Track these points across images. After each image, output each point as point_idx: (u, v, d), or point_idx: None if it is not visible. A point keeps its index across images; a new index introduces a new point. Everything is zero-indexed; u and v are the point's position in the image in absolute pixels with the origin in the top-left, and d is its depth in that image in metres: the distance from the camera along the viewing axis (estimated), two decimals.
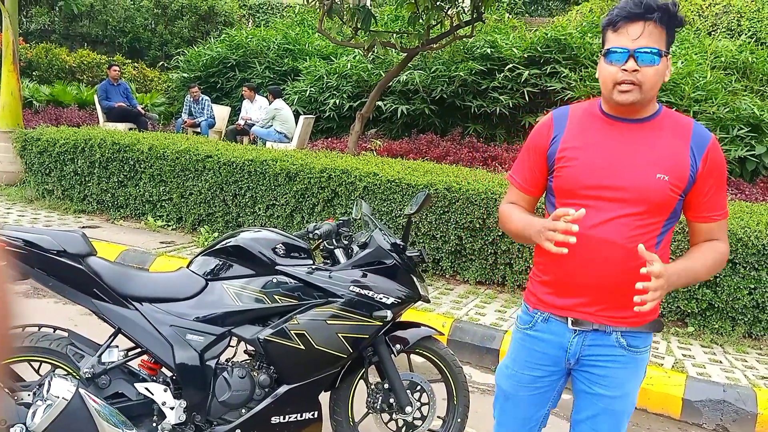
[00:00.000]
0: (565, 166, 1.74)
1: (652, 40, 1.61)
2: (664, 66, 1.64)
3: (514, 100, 9.59)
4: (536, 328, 1.84)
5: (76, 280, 2.29)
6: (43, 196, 6.62)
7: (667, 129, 1.71)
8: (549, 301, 1.80)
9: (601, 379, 1.78)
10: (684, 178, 1.67)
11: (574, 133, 1.76)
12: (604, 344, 1.76)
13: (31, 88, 12.97)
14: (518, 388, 1.89)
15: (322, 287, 2.42)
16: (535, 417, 1.92)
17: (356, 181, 5.03)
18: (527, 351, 1.86)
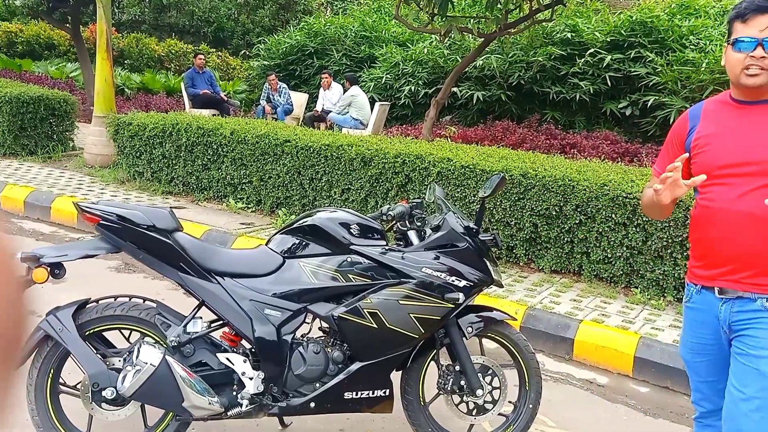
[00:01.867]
0: (700, 152, 1.96)
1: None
2: None
3: (595, 86, 9.28)
4: (693, 300, 2.03)
5: (164, 253, 2.42)
6: (134, 178, 7.00)
7: None
8: (699, 274, 1.99)
9: (749, 339, 1.87)
10: None
11: (707, 123, 1.97)
12: (751, 309, 1.88)
13: (123, 76, 13.71)
14: (693, 356, 2.06)
15: (395, 268, 2.45)
16: (723, 381, 1.98)
17: (430, 166, 5.03)
18: (690, 322, 2.06)
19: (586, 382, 3.51)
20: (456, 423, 2.69)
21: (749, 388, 1.84)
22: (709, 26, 9.62)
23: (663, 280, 4.27)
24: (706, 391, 2.07)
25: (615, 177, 4.48)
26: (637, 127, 9.20)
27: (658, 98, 8.51)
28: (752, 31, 1.83)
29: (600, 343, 3.67)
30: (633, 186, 4.31)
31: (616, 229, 4.37)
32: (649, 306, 4.19)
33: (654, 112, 8.65)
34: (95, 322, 2.42)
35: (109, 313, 2.43)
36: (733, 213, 1.87)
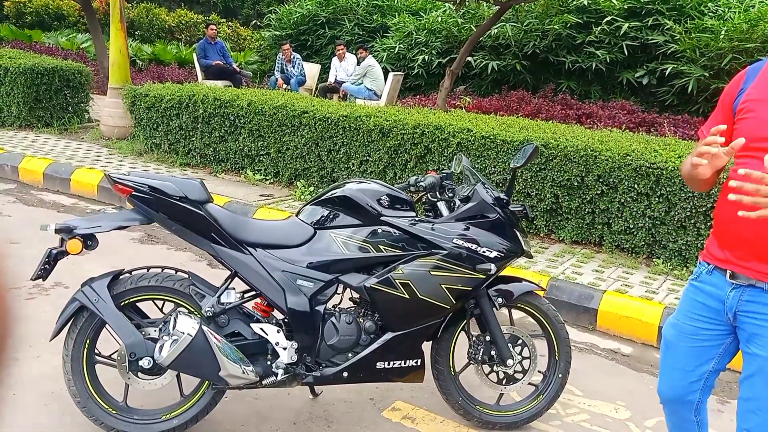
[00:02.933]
0: (743, 118, 1.77)
1: None
2: None
3: (611, 54, 9.13)
4: (701, 279, 1.89)
5: (197, 224, 2.43)
6: (152, 150, 7.01)
7: None
8: (713, 252, 1.85)
9: (756, 338, 1.76)
10: None
11: (759, 87, 1.76)
12: (760, 302, 1.74)
13: (134, 47, 13.63)
14: (679, 338, 1.93)
15: (426, 239, 2.45)
16: (697, 372, 1.91)
17: (449, 137, 5.00)
18: (690, 301, 1.91)
19: (611, 351, 3.53)
20: (486, 392, 2.73)
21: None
22: None
23: (686, 250, 4.25)
24: (676, 380, 1.95)
25: (638, 147, 4.44)
26: (654, 97, 9.08)
27: (676, 67, 8.38)
28: None
29: (624, 313, 3.68)
30: (656, 156, 4.27)
31: (638, 200, 4.34)
32: (672, 276, 4.19)
33: (671, 81, 8.53)
34: (130, 292, 2.45)
35: (144, 284, 2.45)
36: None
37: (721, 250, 1.81)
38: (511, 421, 2.68)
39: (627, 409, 2.91)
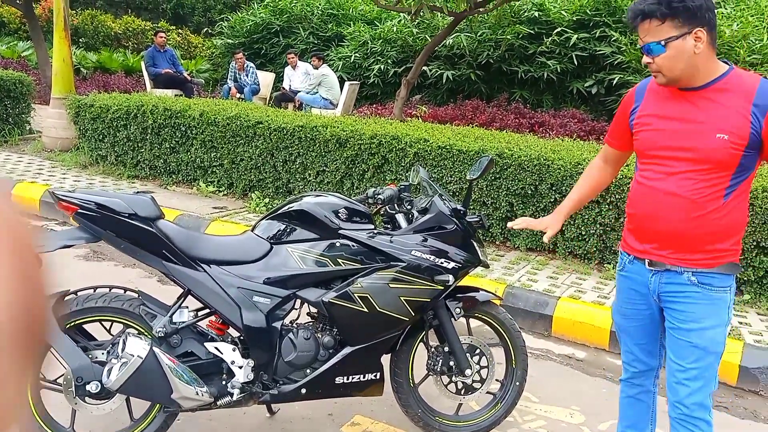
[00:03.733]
0: (641, 130, 2.04)
1: (653, 36, 1.88)
2: (673, 50, 1.86)
3: (562, 65, 9.35)
4: (626, 269, 2.15)
5: (147, 242, 2.36)
6: (97, 162, 6.79)
7: (731, 91, 1.89)
8: (632, 245, 2.10)
9: (678, 313, 2.01)
10: (745, 136, 1.85)
11: (649, 103, 2.03)
12: (678, 282, 2.00)
13: (78, 55, 13.23)
14: (626, 320, 2.20)
15: (384, 251, 2.44)
16: (653, 343, 2.19)
17: (406, 147, 5.01)
18: (623, 290, 2.19)
19: (566, 357, 3.58)
20: (444, 403, 2.72)
21: (685, 360, 2.00)
22: None
23: None
24: (638, 353, 2.21)
25: (588, 156, 4.54)
26: (603, 105, 9.33)
27: (622, 77, 8.64)
28: (640, 36, 1.93)
29: (577, 318, 3.74)
30: None
31: (589, 207, 4.44)
32: None
33: (619, 90, 8.78)
34: (76, 314, 2.35)
35: (91, 305, 2.36)
36: (661, 192, 1.96)
37: (640, 243, 2.06)
38: (471, 430, 2.68)
39: (581, 414, 2.96)
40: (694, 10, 1.83)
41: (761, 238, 3.94)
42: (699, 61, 1.88)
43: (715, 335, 1.99)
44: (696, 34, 1.85)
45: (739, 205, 1.96)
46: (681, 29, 1.85)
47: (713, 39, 1.89)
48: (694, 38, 1.85)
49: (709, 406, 2.06)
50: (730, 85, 1.90)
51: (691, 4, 1.83)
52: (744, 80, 1.90)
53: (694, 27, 1.84)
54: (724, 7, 9.87)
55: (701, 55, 1.87)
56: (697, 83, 1.91)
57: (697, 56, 1.87)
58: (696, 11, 1.84)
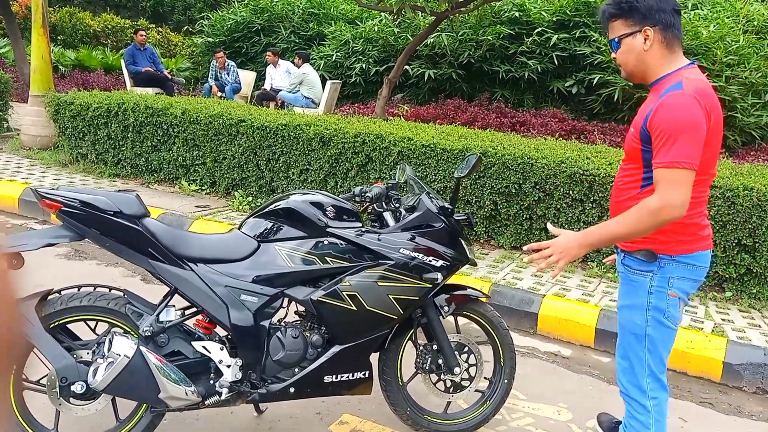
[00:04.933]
0: None
1: (612, 33, 2.08)
2: (625, 46, 2.05)
3: (542, 64, 9.42)
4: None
5: (133, 240, 2.33)
6: (77, 160, 6.69)
7: (656, 91, 2.04)
8: None
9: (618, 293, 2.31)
10: (638, 128, 2.04)
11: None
12: (619, 262, 2.25)
13: (56, 52, 13.02)
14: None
15: (373, 249, 2.43)
16: None
17: (390, 146, 5.01)
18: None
19: (551, 354, 3.61)
20: (433, 401, 2.73)
21: (618, 339, 2.24)
22: None
23: None
24: None
25: (572, 154, 4.58)
26: (583, 105, 9.43)
27: (602, 77, 8.73)
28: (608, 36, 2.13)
29: (563, 316, 3.77)
30: (589, 163, 4.42)
31: (573, 206, 4.48)
32: (606, 279, 4.34)
33: (598, 90, 8.87)
34: (60, 313, 2.31)
35: (75, 304, 2.32)
36: (615, 183, 2.24)
37: None
38: (459, 428, 2.69)
39: (569, 411, 2.98)
40: (644, 10, 1.99)
41: (742, 236, 4.02)
42: (648, 58, 2.01)
43: (631, 316, 2.14)
44: (645, 33, 2.00)
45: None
46: (632, 28, 2.02)
47: (667, 38, 2.01)
48: (644, 36, 2.00)
49: (645, 391, 2.14)
50: (660, 87, 2.01)
51: (639, 4, 1.99)
52: (667, 83, 2.00)
53: (644, 26, 2.00)
54: (701, 8, 10.03)
55: (651, 52, 2.01)
56: (649, 80, 2.07)
57: (647, 53, 2.01)
58: (646, 12, 1.99)
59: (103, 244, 2.34)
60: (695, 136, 1.90)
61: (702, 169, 1.97)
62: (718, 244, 4.08)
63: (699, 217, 2.09)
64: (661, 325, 2.11)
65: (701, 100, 1.92)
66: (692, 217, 2.05)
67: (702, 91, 1.94)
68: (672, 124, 1.91)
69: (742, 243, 4.05)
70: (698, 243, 2.09)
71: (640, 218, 1.92)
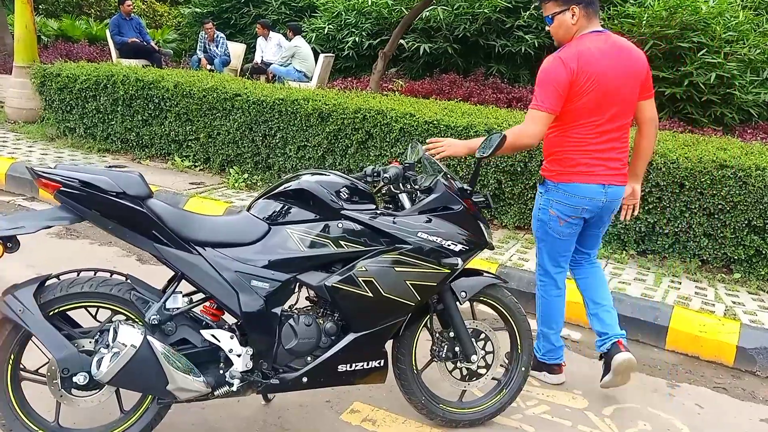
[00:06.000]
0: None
1: (546, 11, 2.67)
2: (557, 21, 2.64)
3: (539, 39, 9.25)
4: None
5: (137, 222, 2.19)
6: (65, 135, 6.48)
7: None
8: None
9: None
10: None
11: None
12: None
13: (39, 22, 12.59)
14: None
15: (389, 233, 2.32)
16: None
17: (392, 122, 4.87)
18: None
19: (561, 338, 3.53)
20: (447, 389, 2.64)
21: None
22: None
23: (624, 234, 4.35)
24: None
25: None
26: None
27: None
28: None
29: (571, 298, 3.68)
30: None
31: None
32: (612, 260, 4.27)
33: None
34: (60, 300, 2.18)
35: (76, 290, 2.19)
36: None
37: None
38: (475, 417, 2.62)
39: (584, 398, 2.92)
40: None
41: (753, 216, 3.95)
42: (574, 29, 2.61)
43: (533, 221, 2.93)
44: (572, 10, 2.58)
45: (550, 134, 2.71)
46: (562, 6, 2.60)
47: (588, 12, 2.59)
48: (572, 12, 2.58)
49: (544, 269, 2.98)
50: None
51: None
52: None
53: (571, 5, 2.57)
54: None
55: (576, 24, 2.60)
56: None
57: (575, 26, 2.60)
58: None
59: (105, 227, 2.20)
60: (550, 86, 2.55)
61: (577, 114, 2.60)
62: (727, 224, 4.02)
63: (576, 153, 2.65)
64: (546, 234, 2.84)
65: (569, 60, 2.54)
66: (567, 152, 2.68)
67: (578, 54, 2.54)
68: (538, 77, 2.60)
69: (752, 224, 3.99)
70: (575, 176, 2.67)
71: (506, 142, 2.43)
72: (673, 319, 3.51)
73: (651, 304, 3.61)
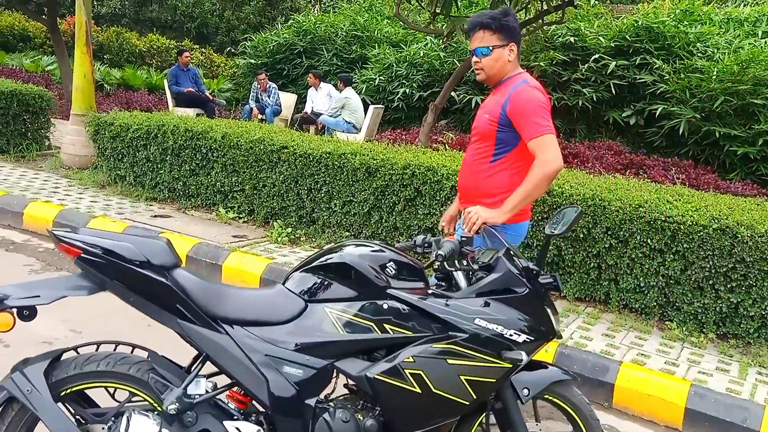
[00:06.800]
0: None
1: (484, 42, 2.65)
2: (497, 54, 2.65)
3: (597, 93, 8.95)
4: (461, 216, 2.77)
5: (161, 296, 1.97)
6: (116, 182, 6.48)
7: (506, 86, 2.67)
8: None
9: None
10: (497, 114, 2.64)
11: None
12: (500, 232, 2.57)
13: (102, 71, 13.08)
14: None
15: (442, 318, 2.03)
16: None
17: (443, 179, 4.62)
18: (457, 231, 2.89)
19: None
20: None
21: None
22: (715, 33, 9.37)
23: (702, 314, 3.90)
24: None
25: (649, 197, 4.11)
26: (642, 137, 8.90)
27: (666, 107, 8.19)
28: (472, 43, 2.68)
29: (644, 390, 3.27)
30: (672, 208, 3.94)
31: (651, 256, 4.00)
32: (689, 344, 3.82)
33: (660, 122, 8.35)
34: (74, 379, 1.96)
35: (92, 369, 1.97)
36: (464, 160, 2.84)
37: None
38: None
39: None
40: (512, 30, 2.64)
41: None
42: (507, 66, 2.67)
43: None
44: (510, 47, 2.65)
45: (503, 171, 2.68)
46: (503, 41, 2.64)
47: (518, 52, 2.69)
48: (509, 50, 2.65)
49: None
50: (509, 83, 2.67)
51: (510, 25, 2.64)
52: (513, 81, 2.66)
53: (511, 42, 2.65)
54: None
55: (513, 63, 2.68)
56: (496, 81, 2.71)
57: (510, 63, 2.67)
58: (513, 31, 2.65)
59: (127, 299, 2.00)
60: (546, 112, 2.59)
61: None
62: None
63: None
64: None
65: (541, 89, 2.63)
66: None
67: (538, 85, 2.65)
68: (532, 106, 2.56)
69: None
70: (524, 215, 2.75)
71: (535, 175, 2.52)
72: (765, 423, 3.02)
73: (738, 403, 3.14)
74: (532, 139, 2.53)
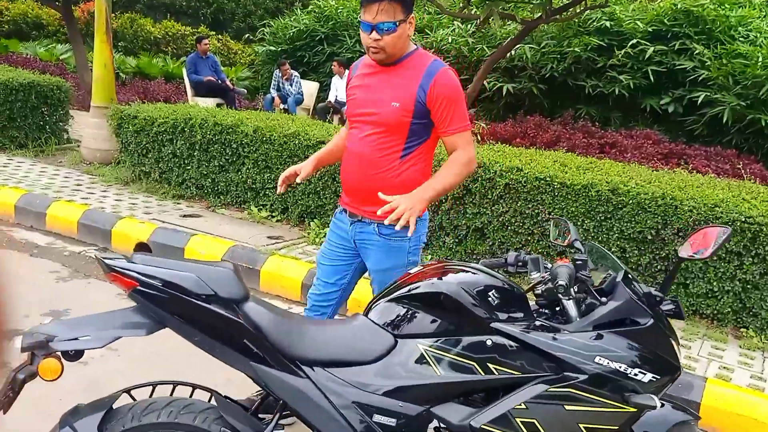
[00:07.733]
0: (349, 98, 2.46)
1: (387, 16, 2.19)
2: (401, 29, 2.23)
3: (635, 80, 8.57)
4: (337, 216, 2.55)
5: (231, 335, 1.71)
6: (140, 179, 6.22)
7: (409, 68, 2.30)
8: (342, 198, 2.52)
9: (369, 257, 2.45)
10: (411, 104, 2.27)
11: (357, 76, 2.45)
12: (366, 232, 2.41)
13: (117, 59, 12.78)
14: (322, 258, 2.58)
15: (555, 355, 1.74)
16: (333, 282, 2.54)
17: (495, 177, 4.31)
18: (331, 232, 2.56)
19: None
20: None
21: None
22: (756, 17, 8.94)
23: None
24: (320, 287, 2.57)
25: (725, 196, 3.79)
26: (680, 125, 8.52)
27: (708, 95, 7.81)
28: (368, 17, 2.20)
29: (734, 410, 2.98)
30: (751, 208, 3.63)
31: (727, 259, 3.69)
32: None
33: (701, 109, 7.97)
34: None
35: (151, 420, 1.71)
36: (354, 153, 2.39)
37: (345, 196, 2.49)
38: None
39: None
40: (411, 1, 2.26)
41: None
42: (407, 42, 2.29)
43: (392, 276, 2.22)
44: (410, 20, 2.26)
45: (415, 166, 2.35)
46: (405, 14, 2.23)
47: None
48: (410, 23, 2.26)
49: None
50: (411, 64, 2.30)
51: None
52: (421, 60, 2.31)
53: (410, 13, 2.25)
54: None
55: (409, 37, 2.29)
56: (395, 59, 2.30)
57: (408, 38, 2.29)
58: (411, 2, 2.26)
59: (191, 338, 1.73)
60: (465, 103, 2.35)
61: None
62: None
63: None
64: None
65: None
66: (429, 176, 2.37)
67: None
68: (455, 94, 2.29)
69: None
70: None
71: (460, 171, 2.30)
72: None
73: None
74: (457, 133, 2.28)
